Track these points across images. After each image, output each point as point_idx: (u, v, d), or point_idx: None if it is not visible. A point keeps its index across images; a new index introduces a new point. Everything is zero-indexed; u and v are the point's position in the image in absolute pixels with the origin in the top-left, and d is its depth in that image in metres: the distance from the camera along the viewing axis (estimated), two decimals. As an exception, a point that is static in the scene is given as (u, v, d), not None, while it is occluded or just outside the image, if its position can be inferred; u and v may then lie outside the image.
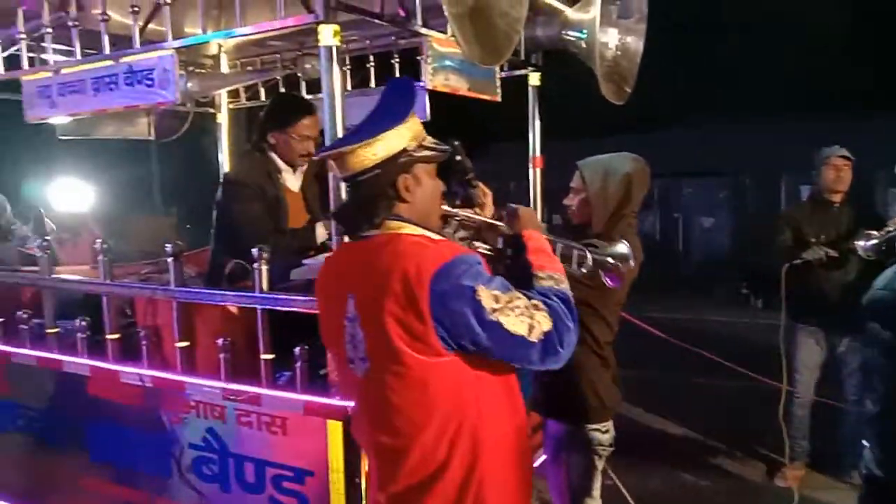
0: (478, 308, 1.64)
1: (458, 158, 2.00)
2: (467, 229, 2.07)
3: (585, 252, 2.13)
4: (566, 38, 3.12)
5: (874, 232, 3.74)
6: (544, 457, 2.83)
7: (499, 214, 2.07)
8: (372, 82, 3.58)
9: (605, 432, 2.60)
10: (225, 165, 4.25)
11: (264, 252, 2.38)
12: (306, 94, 3.72)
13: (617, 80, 3.12)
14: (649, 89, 3.74)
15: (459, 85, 2.92)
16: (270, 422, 2.38)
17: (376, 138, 1.72)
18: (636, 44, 3.17)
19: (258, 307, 2.42)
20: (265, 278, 2.39)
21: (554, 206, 3.40)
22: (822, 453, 4.32)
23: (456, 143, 1.97)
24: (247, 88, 4.14)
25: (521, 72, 3.50)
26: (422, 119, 1.87)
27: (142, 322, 2.82)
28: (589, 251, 2.15)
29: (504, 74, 3.38)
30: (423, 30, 2.55)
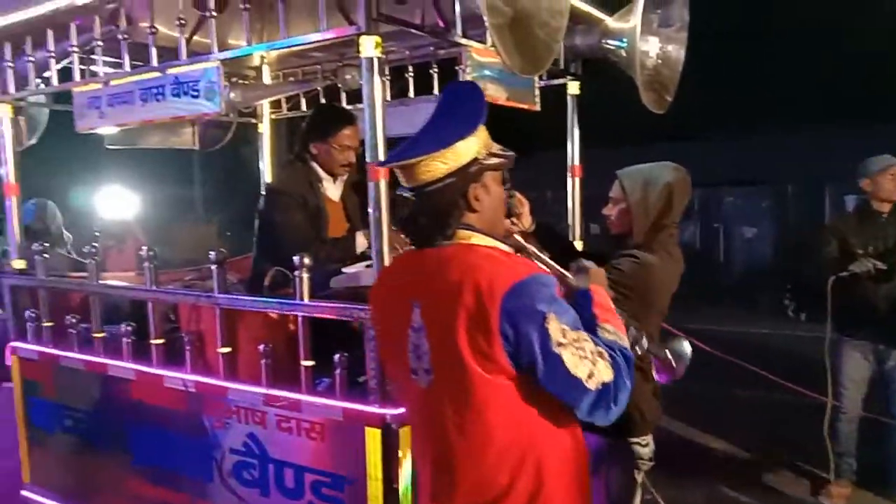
0: (544, 336, 1.59)
1: None
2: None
3: (642, 336, 2.06)
4: (606, 47, 3.10)
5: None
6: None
7: (568, 266, 1.99)
8: (411, 92, 3.60)
9: (646, 446, 2.57)
10: (266, 175, 4.32)
11: (306, 260, 2.40)
12: (346, 105, 3.75)
13: (658, 89, 3.09)
14: (690, 98, 3.69)
15: (498, 94, 2.92)
16: (310, 428, 2.39)
17: (449, 148, 1.67)
18: (677, 52, 3.13)
19: (300, 314, 2.44)
20: (307, 286, 2.40)
21: (592, 216, 3.37)
22: (870, 470, 4.19)
23: None
24: (288, 99, 4.19)
25: (560, 81, 3.48)
26: None
27: (185, 328, 2.86)
28: (646, 338, 2.07)
29: (542, 84, 3.36)
30: (463, 40, 2.56)
